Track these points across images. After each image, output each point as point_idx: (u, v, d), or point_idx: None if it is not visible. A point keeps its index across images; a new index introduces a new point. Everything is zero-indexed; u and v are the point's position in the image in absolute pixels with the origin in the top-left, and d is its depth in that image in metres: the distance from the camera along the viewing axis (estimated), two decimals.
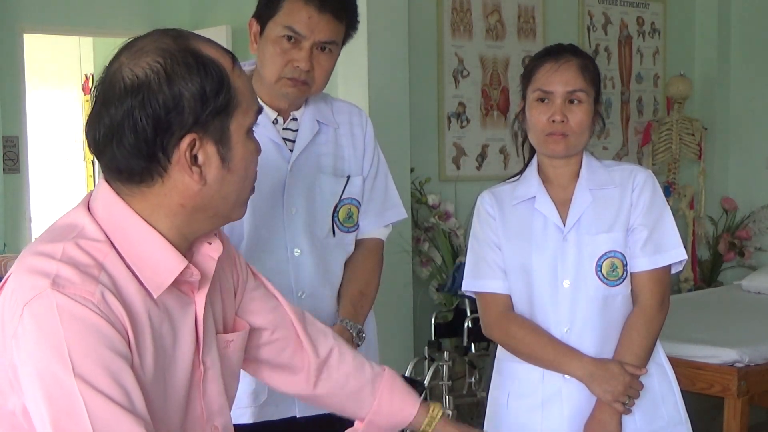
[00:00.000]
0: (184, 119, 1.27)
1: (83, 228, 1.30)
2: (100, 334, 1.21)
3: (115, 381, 1.20)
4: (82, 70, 7.50)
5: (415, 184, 4.62)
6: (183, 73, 1.27)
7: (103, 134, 1.27)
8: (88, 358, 1.19)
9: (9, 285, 1.26)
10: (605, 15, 5.59)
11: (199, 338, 1.39)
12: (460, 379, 4.22)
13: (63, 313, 1.20)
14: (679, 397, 2.32)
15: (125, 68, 1.27)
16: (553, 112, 2.20)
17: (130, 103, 1.25)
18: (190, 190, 1.31)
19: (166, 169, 1.29)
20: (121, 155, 1.27)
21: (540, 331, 2.23)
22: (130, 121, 1.25)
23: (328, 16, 2.09)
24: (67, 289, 1.21)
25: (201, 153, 1.30)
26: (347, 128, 2.27)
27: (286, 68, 2.09)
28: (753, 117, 5.89)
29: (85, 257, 1.26)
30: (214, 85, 1.29)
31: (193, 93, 1.27)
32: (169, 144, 1.27)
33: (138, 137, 1.26)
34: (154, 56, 1.27)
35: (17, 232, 5.36)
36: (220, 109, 1.30)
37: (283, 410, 2.16)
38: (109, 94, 1.27)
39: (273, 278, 2.13)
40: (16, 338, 1.21)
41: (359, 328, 2.17)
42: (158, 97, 1.25)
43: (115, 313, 1.24)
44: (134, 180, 1.30)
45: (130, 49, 1.30)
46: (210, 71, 1.29)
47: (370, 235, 2.30)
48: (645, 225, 2.23)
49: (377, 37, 4.34)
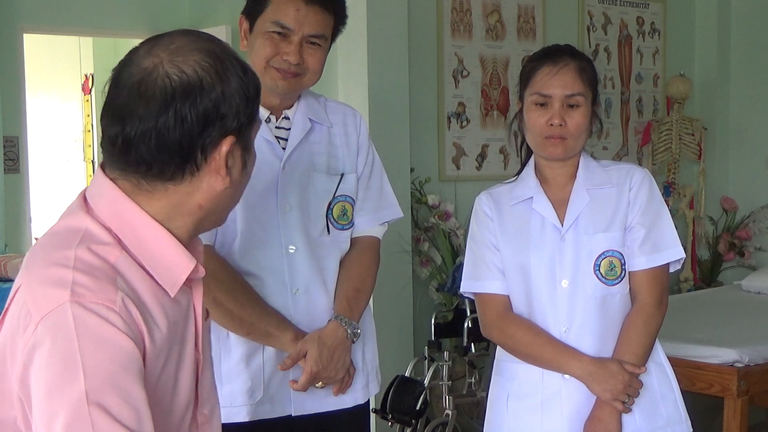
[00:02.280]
0: (230, 121, 1.29)
1: (88, 231, 1.28)
2: (116, 350, 1.19)
3: (125, 402, 1.18)
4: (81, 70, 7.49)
5: (414, 184, 4.62)
6: (232, 75, 1.29)
7: (140, 130, 1.26)
8: (101, 377, 1.17)
9: (20, 297, 1.24)
10: (605, 15, 5.59)
11: (198, 328, 1.40)
12: (460, 379, 4.21)
13: (80, 328, 1.18)
14: (678, 395, 2.33)
15: (168, 66, 1.26)
16: (551, 115, 2.21)
17: (180, 101, 1.25)
18: (214, 191, 1.32)
19: (199, 168, 1.29)
20: (158, 151, 1.26)
21: (539, 331, 2.23)
22: (178, 119, 1.25)
23: (316, 7, 2.09)
24: (86, 298, 1.20)
25: (231, 157, 1.31)
26: (341, 128, 2.28)
27: (274, 59, 2.09)
28: (753, 117, 5.88)
29: (100, 262, 1.24)
30: (254, 90, 1.32)
31: (241, 96, 1.29)
32: (210, 144, 1.28)
33: (183, 135, 1.26)
34: (203, 56, 1.28)
35: (17, 232, 5.36)
36: (252, 115, 1.33)
37: (279, 409, 2.16)
38: (151, 90, 1.26)
39: (268, 275, 2.15)
40: (29, 353, 1.19)
41: (354, 325, 2.17)
42: (211, 96, 1.26)
43: (134, 320, 1.23)
44: (163, 176, 1.29)
45: (167, 46, 1.29)
46: (250, 75, 1.33)
47: (365, 233, 2.30)
48: (642, 224, 2.23)
49: (377, 37, 4.34)
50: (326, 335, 2.13)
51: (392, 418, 3.72)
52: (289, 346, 2.11)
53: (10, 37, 5.30)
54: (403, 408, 3.69)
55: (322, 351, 2.10)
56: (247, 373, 2.12)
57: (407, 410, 3.68)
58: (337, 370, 2.14)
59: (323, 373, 2.11)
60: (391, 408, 3.69)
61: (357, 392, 2.26)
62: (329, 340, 2.12)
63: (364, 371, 2.28)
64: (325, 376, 2.12)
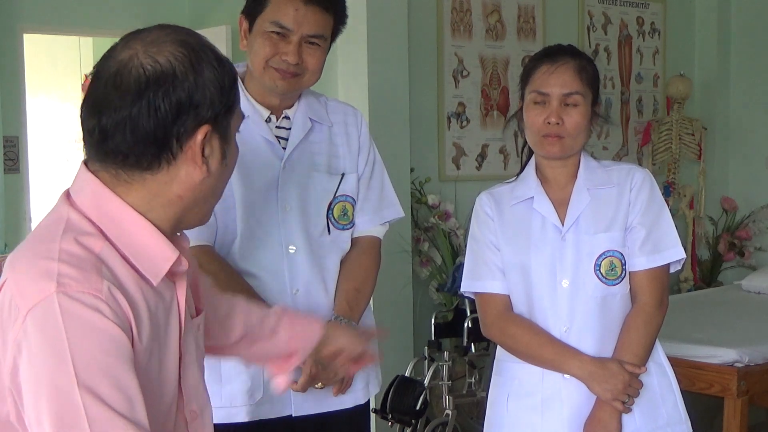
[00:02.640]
0: (204, 110, 1.30)
1: (71, 221, 1.29)
2: (105, 337, 1.20)
3: (117, 388, 1.19)
4: (81, 70, 7.49)
5: (415, 184, 4.62)
6: (206, 65, 1.31)
7: (115, 120, 1.27)
8: (91, 365, 1.18)
9: (6, 291, 1.25)
10: (605, 15, 5.59)
11: (182, 323, 1.40)
12: (460, 379, 4.21)
13: (68, 319, 1.19)
14: (678, 396, 2.33)
15: (143, 56, 1.28)
16: (548, 113, 2.21)
17: (153, 90, 1.27)
18: (192, 181, 1.33)
19: (175, 157, 1.31)
20: (134, 141, 1.28)
21: (539, 331, 2.23)
22: (152, 108, 1.27)
23: (315, 7, 2.09)
24: (72, 288, 1.20)
25: (208, 146, 1.32)
26: (342, 127, 2.27)
27: (273, 59, 2.09)
28: (753, 117, 5.88)
29: (85, 252, 1.25)
30: (229, 81, 1.34)
31: (215, 86, 1.31)
32: (185, 132, 1.30)
33: (157, 124, 1.27)
34: (176, 47, 1.30)
35: (17, 232, 5.36)
36: (229, 105, 1.34)
37: (279, 409, 2.16)
38: (126, 81, 1.27)
39: (267, 275, 2.14)
40: (18, 346, 1.20)
41: (354, 326, 2.17)
42: (184, 86, 1.28)
43: (121, 308, 1.24)
44: (140, 166, 1.30)
45: (143, 39, 1.31)
46: (226, 66, 1.34)
47: (366, 233, 2.29)
48: (643, 224, 2.23)
49: (377, 37, 4.34)
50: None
51: (392, 418, 3.72)
52: None
53: (10, 37, 5.30)
54: (403, 408, 3.68)
55: None
56: (246, 374, 2.12)
57: (407, 410, 3.68)
58: (337, 371, 2.14)
59: (323, 374, 2.11)
60: (391, 408, 3.69)
61: (357, 392, 2.26)
62: None
63: (365, 371, 2.27)
64: (325, 376, 2.12)
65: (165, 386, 1.36)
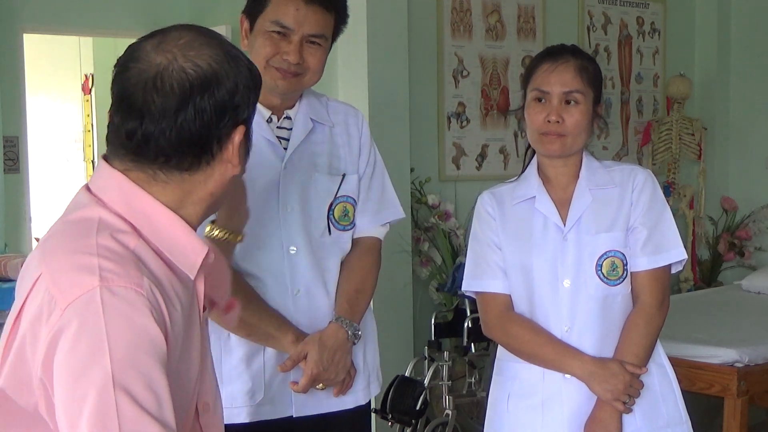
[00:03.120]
0: (242, 111, 1.34)
1: (103, 219, 1.30)
2: (142, 334, 1.21)
3: (148, 387, 1.20)
4: (81, 70, 7.49)
5: (414, 184, 4.62)
6: (239, 66, 1.35)
7: (161, 125, 1.29)
8: (127, 363, 1.19)
9: (41, 286, 1.25)
10: (605, 15, 5.59)
11: (201, 317, 1.42)
12: (460, 379, 4.21)
13: (108, 313, 1.20)
14: (679, 396, 2.33)
15: (182, 60, 1.30)
16: (549, 112, 2.21)
17: (198, 94, 1.29)
18: (224, 178, 1.36)
19: (214, 157, 1.34)
20: (179, 144, 1.30)
21: (540, 331, 2.23)
22: (198, 112, 1.29)
23: (316, 7, 2.09)
24: (115, 282, 1.22)
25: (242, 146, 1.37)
26: (343, 128, 2.27)
27: (275, 58, 2.09)
28: (753, 117, 5.88)
29: (121, 248, 1.27)
30: (258, 81, 1.39)
31: (248, 87, 1.35)
32: (226, 134, 1.33)
33: (203, 126, 1.30)
34: (213, 49, 1.33)
35: (17, 232, 5.35)
36: (254, 102, 1.38)
37: (280, 410, 2.15)
38: (168, 85, 1.29)
39: (268, 276, 2.14)
40: (55, 338, 1.20)
41: (355, 327, 2.17)
42: (227, 87, 1.31)
43: (159, 304, 1.25)
44: (181, 167, 1.33)
45: (175, 41, 1.32)
46: (251, 66, 1.38)
47: (367, 234, 2.29)
48: (645, 224, 2.23)
49: (377, 37, 4.34)
50: (327, 337, 2.12)
51: (392, 418, 3.72)
52: (290, 347, 2.10)
53: (10, 37, 5.29)
54: (403, 408, 3.68)
55: (322, 353, 2.10)
56: (247, 374, 2.12)
57: (407, 410, 3.68)
58: (338, 371, 2.13)
59: (324, 375, 2.11)
60: (391, 408, 3.69)
61: (358, 393, 2.25)
62: (330, 342, 2.12)
63: (365, 372, 2.27)
64: (326, 377, 2.12)
65: (190, 379, 1.38)
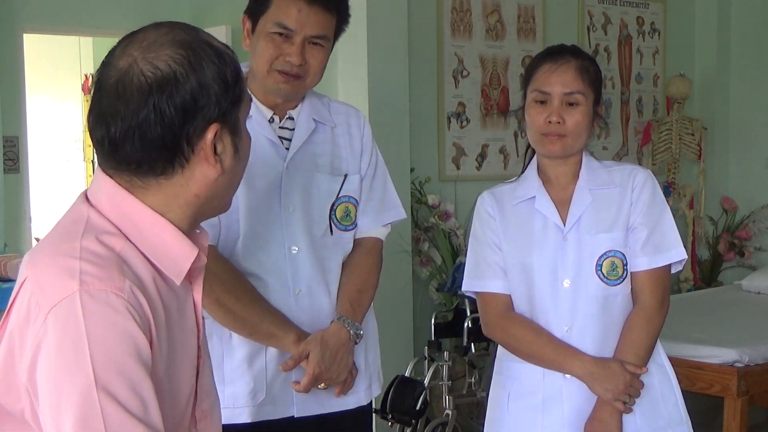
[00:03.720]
0: (211, 109, 1.29)
1: (91, 221, 1.29)
2: (125, 338, 1.20)
3: (132, 390, 1.19)
4: (81, 70, 7.49)
5: (414, 184, 4.62)
6: (207, 63, 1.29)
7: (123, 130, 1.27)
8: (110, 366, 1.18)
9: (26, 289, 1.25)
10: (605, 15, 5.59)
11: (199, 322, 1.41)
12: (460, 379, 4.21)
13: (89, 318, 1.18)
14: (679, 396, 2.33)
15: (142, 63, 1.27)
16: (549, 113, 2.21)
17: (156, 97, 1.25)
18: (208, 179, 1.32)
19: (188, 159, 1.30)
20: (144, 149, 1.27)
21: (540, 331, 2.23)
22: (157, 115, 1.26)
23: (318, 8, 2.09)
24: (95, 286, 1.20)
25: (219, 143, 1.32)
26: (344, 128, 2.27)
27: (277, 61, 2.09)
28: (753, 117, 5.88)
29: (106, 251, 1.25)
30: (233, 74, 1.32)
31: (218, 83, 1.29)
32: (194, 134, 1.29)
33: (165, 129, 1.26)
34: (174, 48, 1.28)
35: (17, 232, 5.36)
36: (235, 99, 1.32)
37: (281, 410, 2.15)
38: (129, 90, 1.27)
39: (270, 276, 2.14)
40: (38, 344, 1.19)
41: (357, 326, 2.17)
42: (186, 88, 1.27)
43: (142, 307, 1.24)
44: (154, 172, 1.30)
45: (139, 43, 1.30)
46: (227, 60, 1.32)
47: (368, 235, 2.29)
48: (645, 224, 2.23)
49: (377, 37, 4.34)
50: (329, 337, 2.12)
51: (392, 418, 3.72)
52: (292, 347, 2.10)
53: (10, 37, 5.30)
54: (403, 408, 3.68)
55: (324, 353, 2.09)
56: (249, 374, 2.12)
57: (407, 410, 3.68)
58: (340, 371, 2.13)
59: (325, 375, 2.11)
60: (391, 408, 3.69)
61: (360, 393, 2.25)
62: (332, 342, 2.11)
63: (367, 372, 2.27)
64: (328, 377, 2.12)
65: (181, 386, 1.35)
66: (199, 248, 1.38)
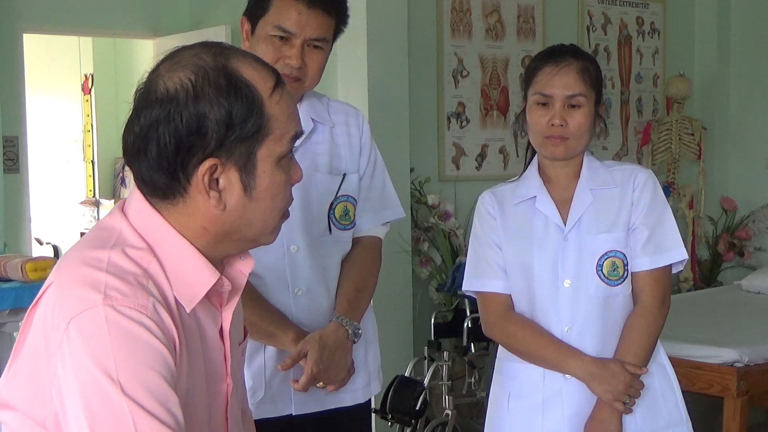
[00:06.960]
0: (206, 142, 1.23)
1: (123, 234, 1.28)
2: (149, 351, 1.18)
3: (159, 402, 1.17)
4: (81, 70, 7.48)
5: (414, 184, 4.62)
6: (211, 95, 1.23)
7: (132, 142, 1.26)
8: (135, 379, 1.16)
9: (50, 295, 1.24)
10: (605, 15, 5.59)
11: (226, 351, 1.36)
12: (460, 379, 4.21)
13: (113, 329, 1.17)
14: (679, 396, 2.33)
15: (161, 79, 1.25)
16: (552, 115, 2.21)
17: (157, 114, 1.23)
18: (211, 214, 1.27)
19: (186, 189, 1.26)
20: (146, 167, 1.25)
21: (541, 331, 2.23)
22: (155, 134, 1.23)
23: (318, 11, 2.09)
24: (119, 302, 1.18)
25: (223, 178, 1.26)
26: (343, 128, 2.27)
27: (277, 64, 2.09)
28: (753, 117, 5.88)
29: (132, 266, 1.23)
30: (242, 111, 1.24)
31: (218, 117, 1.23)
32: (189, 165, 1.24)
33: (160, 152, 1.23)
34: (188, 72, 1.24)
35: (17, 232, 5.36)
36: (247, 136, 1.25)
37: (280, 408, 2.16)
38: (142, 102, 1.26)
39: (269, 275, 2.14)
40: (61, 352, 1.18)
41: (355, 325, 2.17)
42: (182, 115, 1.22)
43: (166, 325, 1.22)
44: (158, 194, 1.28)
45: (172, 59, 1.28)
46: (241, 96, 1.25)
47: (367, 233, 2.30)
48: (646, 225, 2.23)
49: (377, 37, 4.34)
50: (327, 336, 2.12)
51: (392, 418, 3.72)
52: (291, 346, 2.10)
53: (10, 37, 5.29)
54: (403, 408, 3.68)
55: (322, 352, 2.10)
56: (248, 373, 2.12)
57: (407, 410, 3.68)
58: (338, 370, 2.13)
59: (324, 374, 2.11)
60: (390, 408, 3.69)
61: (357, 392, 2.26)
62: (330, 341, 2.12)
63: (366, 371, 2.28)
64: (326, 376, 2.12)
65: (197, 408, 1.31)
66: (233, 274, 1.34)
